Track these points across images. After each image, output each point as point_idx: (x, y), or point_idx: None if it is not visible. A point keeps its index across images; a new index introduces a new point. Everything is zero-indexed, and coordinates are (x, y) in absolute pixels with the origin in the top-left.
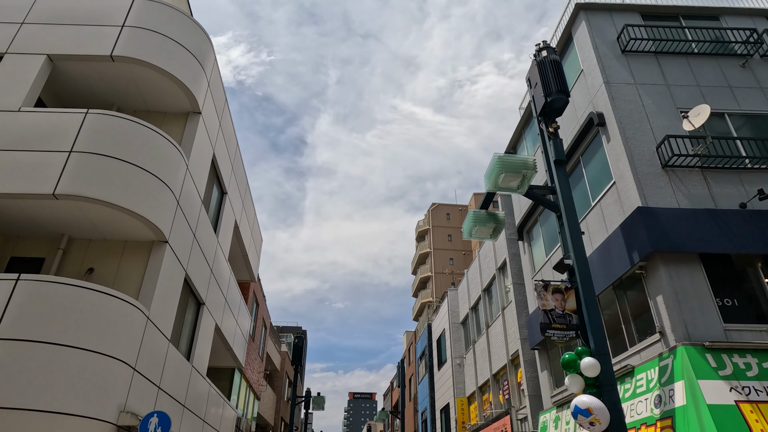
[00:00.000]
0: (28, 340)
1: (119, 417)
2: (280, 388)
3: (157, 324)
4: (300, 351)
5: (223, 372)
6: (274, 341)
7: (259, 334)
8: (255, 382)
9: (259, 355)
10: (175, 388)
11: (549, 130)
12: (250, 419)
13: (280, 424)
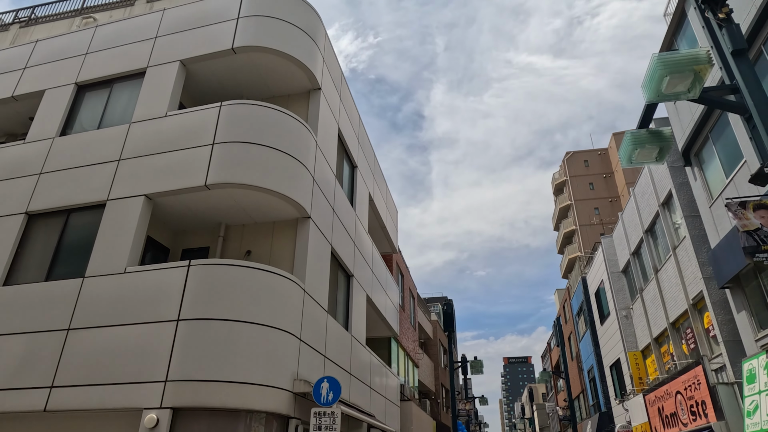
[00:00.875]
0: (207, 318)
1: (294, 384)
2: (435, 355)
3: (314, 296)
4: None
5: (379, 342)
6: (423, 311)
7: (408, 304)
8: (411, 351)
9: (411, 324)
10: (339, 356)
11: (719, 17)
12: (412, 386)
13: (441, 390)
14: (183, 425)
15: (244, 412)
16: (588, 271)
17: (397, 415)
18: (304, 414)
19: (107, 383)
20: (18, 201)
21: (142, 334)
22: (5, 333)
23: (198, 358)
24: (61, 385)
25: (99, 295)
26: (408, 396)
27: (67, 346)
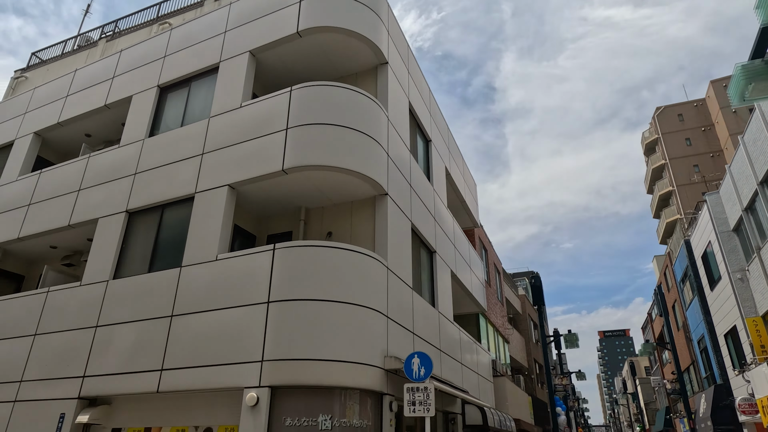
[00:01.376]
0: (295, 299)
1: (385, 361)
2: (525, 331)
3: (398, 273)
4: (539, 291)
5: (467, 318)
6: (510, 286)
7: (494, 279)
8: (500, 326)
9: (498, 299)
10: (428, 333)
11: None
12: (504, 362)
13: (534, 366)
14: (282, 402)
15: (338, 389)
16: (691, 234)
17: (490, 391)
18: (397, 390)
19: (209, 365)
20: (119, 201)
21: (237, 317)
22: (119, 322)
23: (290, 338)
24: (169, 368)
25: (195, 282)
26: (500, 372)
27: (171, 331)
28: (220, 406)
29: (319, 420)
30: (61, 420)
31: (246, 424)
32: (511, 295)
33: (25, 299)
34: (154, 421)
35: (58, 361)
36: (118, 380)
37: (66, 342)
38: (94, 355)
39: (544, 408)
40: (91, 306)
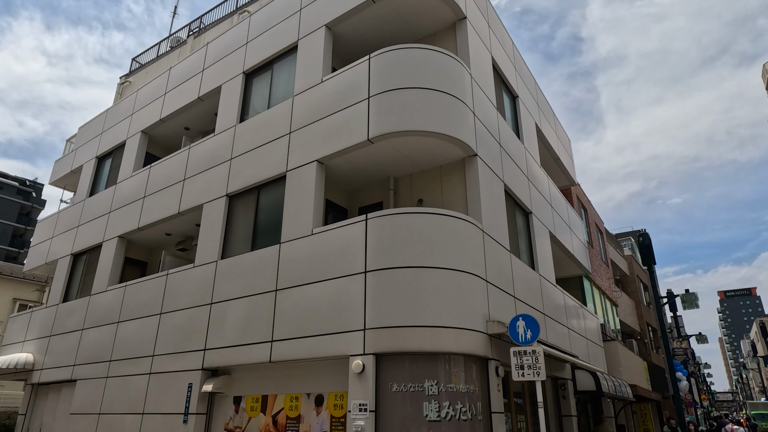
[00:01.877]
0: (391, 267)
1: (487, 326)
2: (635, 293)
3: (494, 236)
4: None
5: (570, 282)
6: (615, 247)
7: (596, 239)
8: (607, 289)
9: (602, 260)
10: (530, 297)
11: None
12: (614, 327)
13: (647, 330)
14: (387, 369)
15: (442, 355)
16: None
17: (601, 357)
18: (502, 355)
19: (314, 335)
20: (219, 186)
21: (336, 288)
22: (230, 298)
23: (389, 306)
24: (278, 339)
25: (294, 257)
26: (610, 336)
27: (277, 305)
28: (329, 374)
29: (426, 385)
30: (189, 389)
31: (354, 391)
32: (617, 256)
33: (149, 282)
34: (270, 389)
35: (182, 337)
36: (233, 352)
37: (187, 319)
38: (211, 329)
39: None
40: (204, 285)
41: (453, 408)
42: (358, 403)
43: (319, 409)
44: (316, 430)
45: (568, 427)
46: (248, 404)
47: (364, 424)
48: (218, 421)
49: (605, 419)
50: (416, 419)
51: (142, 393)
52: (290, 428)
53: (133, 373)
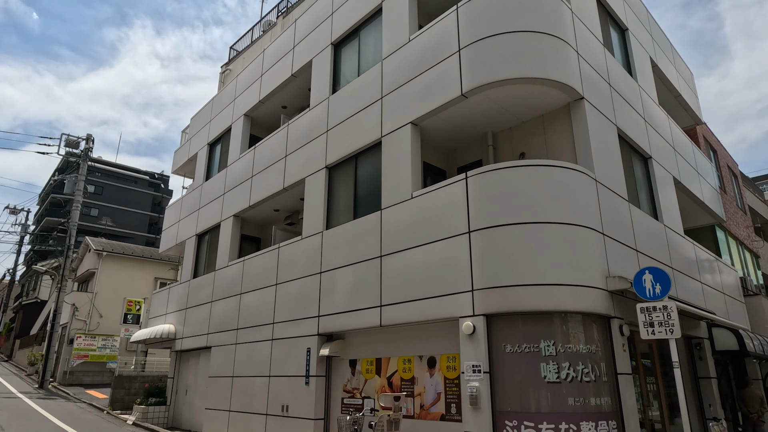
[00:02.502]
0: (496, 225)
1: (607, 282)
2: None
3: (608, 186)
4: None
5: (700, 232)
6: (753, 191)
7: (730, 184)
8: (746, 238)
9: (738, 207)
10: (654, 250)
11: None
12: (756, 280)
13: None
14: (500, 330)
15: (558, 314)
16: None
17: (743, 313)
18: (626, 313)
19: (421, 298)
20: (318, 158)
21: (441, 250)
22: (338, 267)
23: (497, 264)
24: (387, 303)
25: (396, 222)
26: (753, 291)
27: (383, 270)
28: (440, 337)
29: (542, 346)
30: (308, 353)
31: (467, 352)
32: (756, 201)
33: (263, 256)
34: (383, 352)
35: (297, 305)
36: (345, 318)
37: (300, 288)
38: (323, 297)
39: None
40: (313, 255)
41: (573, 369)
42: (471, 364)
43: (432, 371)
44: (430, 391)
45: (706, 390)
46: (363, 367)
47: (479, 385)
48: (337, 383)
49: (751, 381)
50: (534, 380)
51: (267, 357)
52: (405, 389)
53: (257, 340)
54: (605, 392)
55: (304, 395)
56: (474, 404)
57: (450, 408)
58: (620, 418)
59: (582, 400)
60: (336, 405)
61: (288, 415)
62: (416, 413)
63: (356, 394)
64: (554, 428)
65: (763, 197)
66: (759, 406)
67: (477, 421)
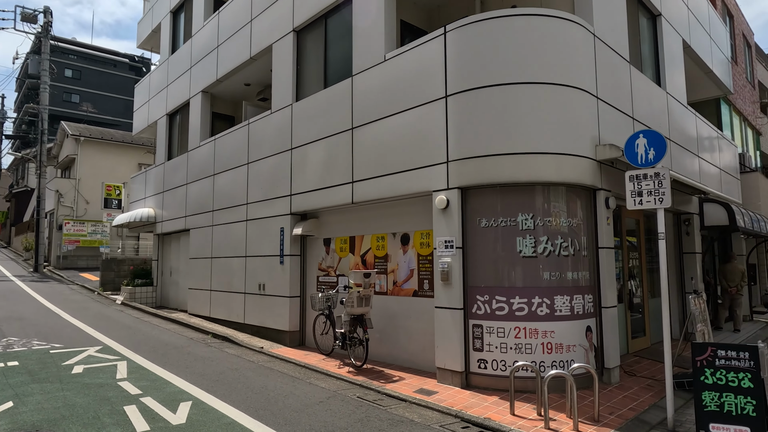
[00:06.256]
0: (475, 87)
1: (596, 151)
2: None
3: (608, 42)
4: None
5: (704, 105)
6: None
7: (743, 54)
8: (750, 114)
9: (747, 80)
10: (652, 119)
11: None
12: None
13: None
14: (475, 203)
15: (540, 185)
16: None
17: (737, 190)
18: (614, 185)
19: (394, 172)
20: (285, 22)
21: (414, 119)
22: (309, 142)
23: (475, 132)
24: (358, 179)
25: (368, 89)
26: (750, 167)
27: (355, 143)
28: (414, 213)
29: (519, 220)
30: (282, 233)
31: (440, 228)
32: (766, 76)
33: (234, 134)
34: (356, 230)
35: (269, 184)
36: (317, 196)
37: (271, 166)
38: (294, 175)
39: None
40: (283, 131)
41: (552, 243)
42: (444, 239)
43: (405, 248)
44: (403, 268)
45: (689, 265)
46: (337, 245)
47: (451, 261)
48: (312, 262)
49: (735, 257)
50: (509, 255)
51: (243, 238)
52: (378, 267)
53: (232, 221)
54: (584, 266)
55: (280, 274)
56: (445, 280)
57: (423, 284)
58: (597, 292)
59: (558, 275)
60: (312, 283)
61: (265, 293)
62: (389, 290)
63: (331, 272)
64: (527, 302)
65: None
66: (739, 280)
67: (448, 296)
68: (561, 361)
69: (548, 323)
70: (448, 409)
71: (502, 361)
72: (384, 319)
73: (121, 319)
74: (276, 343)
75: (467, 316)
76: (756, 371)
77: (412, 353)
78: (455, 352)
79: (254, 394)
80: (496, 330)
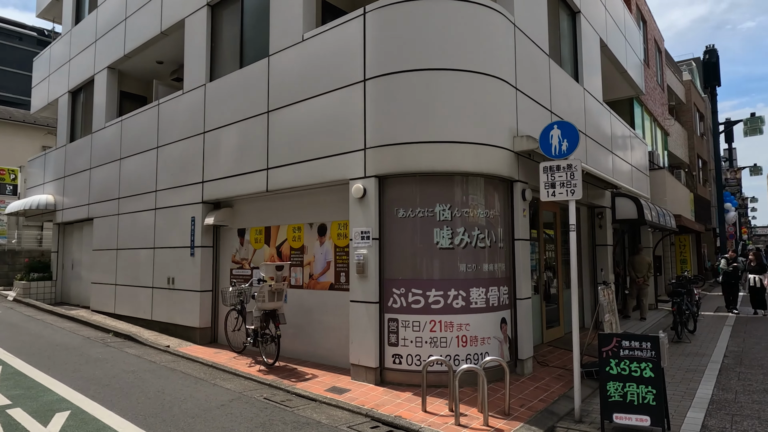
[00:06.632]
0: (394, 72)
1: (514, 142)
2: (689, 123)
3: (528, 34)
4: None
5: (619, 105)
6: (673, 70)
7: (654, 58)
8: (660, 116)
9: (657, 83)
10: (570, 113)
11: None
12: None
13: (696, 161)
14: (393, 193)
15: (458, 176)
16: None
17: (646, 185)
18: (531, 177)
19: (311, 159)
20: None
21: (333, 103)
22: (223, 125)
23: (393, 119)
24: (274, 166)
25: (285, 71)
26: (658, 165)
27: (270, 128)
28: (332, 203)
29: (437, 210)
30: (193, 223)
31: (356, 218)
32: (674, 80)
33: (142, 115)
34: (272, 220)
35: (180, 170)
36: (230, 183)
37: (183, 151)
38: (207, 161)
39: (706, 206)
40: (195, 113)
41: (469, 234)
42: (360, 230)
43: (322, 239)
44: (320, 260)
45: (601, 257)
46: (252, 236)
47: (367, 252)
48: (225, 254)
49: (642, 249)
50: (426, 247)
51: (151, 228)
52: (294, 259)
53: (140, 209)
54: (500, 258)
55: (190, 267)
56: (361, 272)
57: (339, 277)
58: (513, 283)
59: (474, 267)
60: (225, 276)
61: (174, 287)
62: (305, 283)
63: (245, 265)
64: (443, 295)
65: (681, 77)
66: (646, 271)
67: (363, 289)
68: (476, 354)
69: (463, 316)
70: (358, 408)
71: (417, 355)
72: (300, 313)
73: (7, 318)
74: (185, 341)
75: (383, 309)
76: (657, 361)
77: (329, 349)
78: (370, 347)
79: (148, 399)
80: (411, 324)
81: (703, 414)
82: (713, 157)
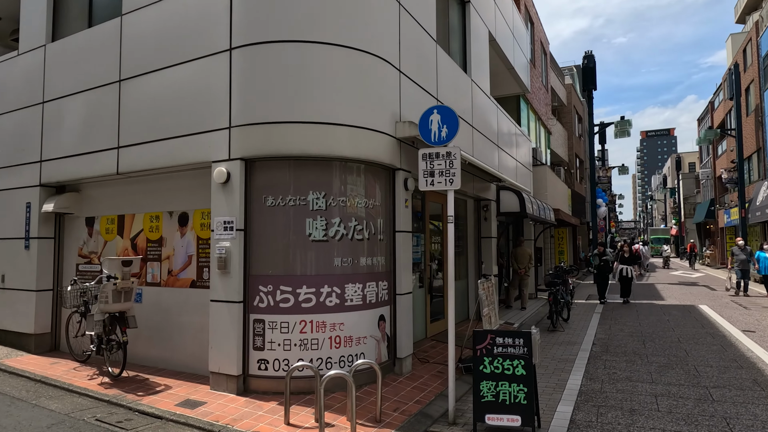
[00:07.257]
0: (264, 41)
1: (396, 128)
2: (569, 124)
3: (415, 16)
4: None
5: (506, 101)
6: (557, 73)
7: (540, 59)
8: (543, 115)
9: (542, 83)
10: (457, 103)
11: None
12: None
13: (575, 160)
14: (261, 179)
15: (335, 161)
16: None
17: (529, 180)
18: (413, 166)
19: (168, 137)
20: None
21: (194, 73)
22: (66, 94)
23: (262, 94)
24: (126, 144)
25: (141, 33)
26: (541, 161)
27: (122, 100)
28: (194, 188)
29: (310, 199)
30: (28, 209)
31: (218, 206)
32: (557, 83)
33: None
34: (126, 207)
35: (13, 147)
36: (74, 163)
37: (17, 124)
38: (46, 136)
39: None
40: (33, 78)
41: (345, 226)
42: (222, 220)
43: (183, 230)
44: (180, 254)
45: (486, 249)
46: (103, 226)
47: (230, 245)
48: (71, 247)
49: (524, 241)
50: (297, 239)
51: None
52: (151, 252)
53: None
54: (380, 251)
55: (25, 262)
56: (223, 268)
57: (203, 273)
58: (393, 278)
59: (351, 261)
60: (70, 273)
61: (5, 286)
62: (164, 280)
63: (94, 259)
64: (315, 292)
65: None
66: (527, 263)
67: (225, 287)
68: (350, 356)
69: (338, 314)
70: (211, 425)
71: (285, 360)
72: (157, 315)
73: None
74: (17, 349)
75: (248, 310)
76: (528, 357)
77: (189, 355)
78: (232, 352)
79: None
80: (279, 325)
81: (571, 407)
82: (588, 157)
